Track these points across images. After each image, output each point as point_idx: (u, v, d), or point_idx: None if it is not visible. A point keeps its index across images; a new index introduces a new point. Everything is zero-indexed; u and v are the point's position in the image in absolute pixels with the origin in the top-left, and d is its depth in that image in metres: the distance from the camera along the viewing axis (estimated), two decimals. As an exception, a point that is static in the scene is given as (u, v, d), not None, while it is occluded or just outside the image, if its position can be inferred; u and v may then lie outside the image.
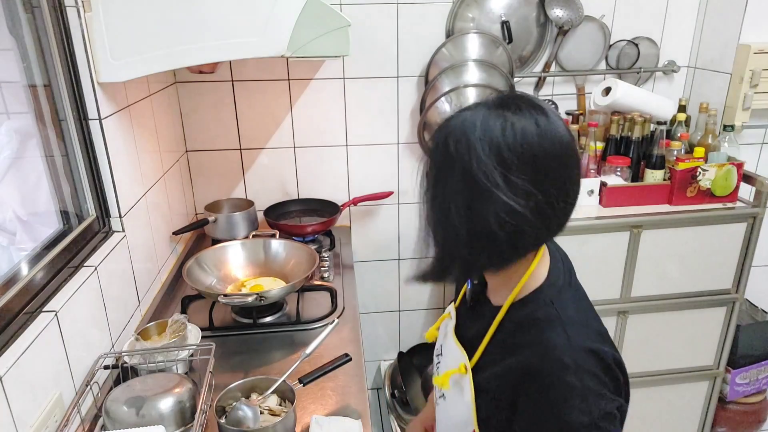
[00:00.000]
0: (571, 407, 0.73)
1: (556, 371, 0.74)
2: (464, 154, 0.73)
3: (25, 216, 1.27)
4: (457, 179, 0.74)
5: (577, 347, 0.75)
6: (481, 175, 0.71)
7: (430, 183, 0.80)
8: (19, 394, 0.94)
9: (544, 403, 0.75)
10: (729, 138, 1.97)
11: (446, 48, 2.03)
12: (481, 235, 0.74)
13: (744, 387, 2.18)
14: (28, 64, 1.21)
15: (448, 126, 0.77)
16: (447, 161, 0.76)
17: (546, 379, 0.75)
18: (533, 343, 0.77)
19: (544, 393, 0.75)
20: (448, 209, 0.76)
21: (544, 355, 0.75)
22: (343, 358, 1.29)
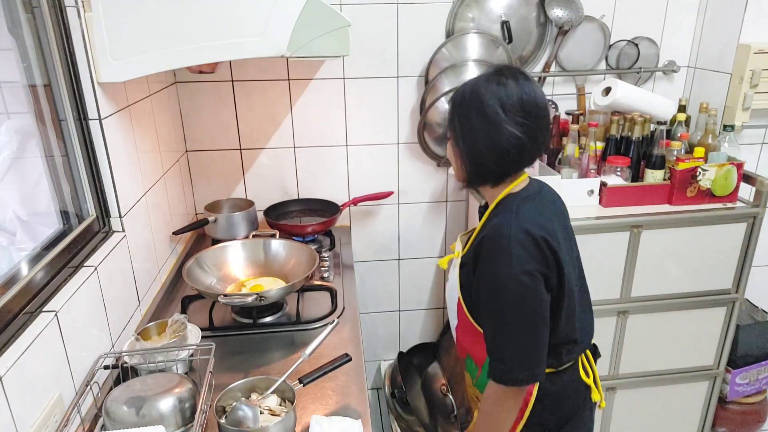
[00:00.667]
0: (500, 263, 1.06)
1: (496, 239, 1.08)
2: (477, 103, 1.07)
3: (25, 216, 1.27)
4: (475, 120, 1.08)
5: (516, 227, 1.08)
6: (492, 114, 1.06)
7: (456, 127, 1.12)
8: (19, 394, 0.94)
9: (484, 261, 1.09)
10: (729, 138, 1.97)
11: (446, 48, 2.03)
12: (497, 152, 1.08)
13: (744, 387, 2.18)
14: (28, 64, 1.21)
15: (462, 89, 1.12)
16: (465, 110, 1.10)
17: (489, 243, 1.08)
18: (492, 225, 1.11)
19: (486, 254, 1.09)
20: (474, 139, 1.10)
21: (494, 229, 1.09)
22: (343, 358, 1.29)
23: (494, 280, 1.07)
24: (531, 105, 1.07)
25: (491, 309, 1.10)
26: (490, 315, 1.10)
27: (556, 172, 1.92)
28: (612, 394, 2.08)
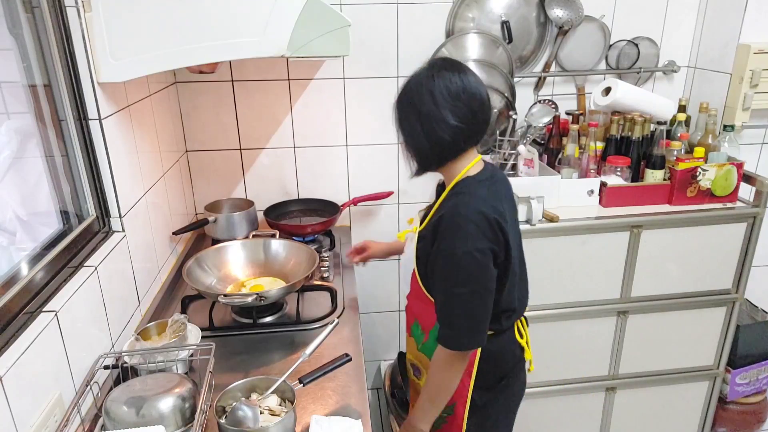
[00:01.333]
0: (457, 239, 1.17)
1: (455, 217, 1.18)
2: (417, 98, 1.19)
3: (25, 216, 1.27)
4: (411, 113, 1.20)
5: (473, 208, 1.18)
6: (425, 104, 1.18)
7: (398, 122, 1.24)
8: (19, 394, 0.94)
9: (442, 237, 1.19)
10: (729, 138, 1.97)
11: (446, 48, 2.03)
12: (433, 138, 1.20)
13: (744, 387, 2.18)
14: (28, 64, 1.21)
15: (406, 85, 1.23)
16: (408, 106, 1.21)
17: (447, 221, 1.19)
18: (450, 205, 1.21)
19: (444, 231, 1.19)
20: (412, 130, 1.22)
21: (452, 209, 1.20)
22: (343, 358, 1.29)
23: (450, 255, 1.17)
24: (460, 91, 1.18)
25: (445, 280, 1.20)
26: (442, 286, 1.21)
27: (556, 172, 1.92)
28: (612, 394, 2.08)
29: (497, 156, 2.02)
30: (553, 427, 2.11)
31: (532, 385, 2.02)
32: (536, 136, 2.09)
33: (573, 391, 2.05)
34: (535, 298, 1.89)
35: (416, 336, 1.40)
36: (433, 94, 1.17)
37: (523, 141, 2.02)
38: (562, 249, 1.84)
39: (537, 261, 1.83)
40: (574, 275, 1.88)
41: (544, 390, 2.03)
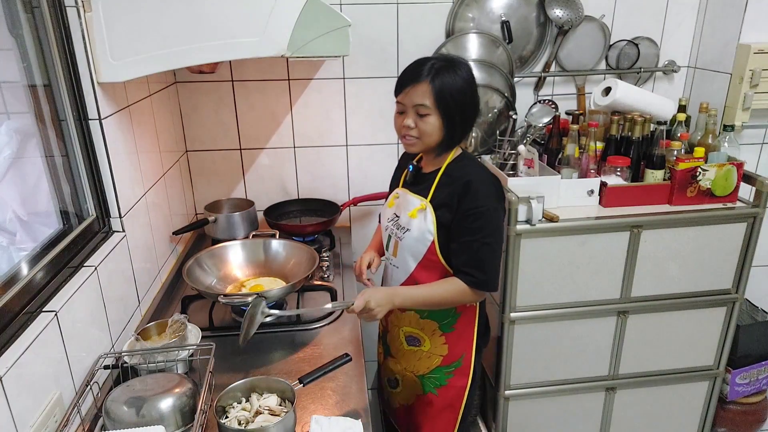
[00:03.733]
0: (488, 197, 1.37)
1: (483, 180, 1.38)
2: (471, 84, 1.39)
3: (25, 216, 1.27)
4: (472, 98, 1.40)
5: (489, 173, 1.42)
6: (475, 93, 1.41)
7: (458, 101, 1.35)
8: (19, 394, 0.94)
9: (471, 198, 1.35)
10: (729, 138, 1.97)
11: (446, 48, 2.03)
12: (471, 123, 1.43)
13: (744, 387, 2.18)
14: (28, 64, 1.21)
15: (470, 69, 1.41)
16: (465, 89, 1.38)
17: (477, 184, 1.37)
18: (467, 173, 1.39)
19: (473, 192, 1.36)
20: (467, 112, 1.40)
21: (474, 175, 1.39)
22: (343, 358, 1.29)
23: (484, 211, 1.36)
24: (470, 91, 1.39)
25: (475, 233, 1.37)
26: (473, 237, 1.37)
27: (556, 172, 1.92)
28: (612, 394, 2.08)
29: (497, 156, 2.02)
30: (553, 427, 2.11)
31: (532, 385, 2.02)
32: (536, 136, 2.09)
33: (573, 391, 2.05)
34: (535, 298, 1.89)
35: None
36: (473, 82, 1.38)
37: (523, 141, 2.02)
38: (562, 249, 1.84)
39: (537, 261, 1.83)
40: (574, 275, 1.88)
41: (544, 390, 2.03)
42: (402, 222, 1.47)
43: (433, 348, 1.52)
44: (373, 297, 1.32)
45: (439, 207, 1.40)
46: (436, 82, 1.32)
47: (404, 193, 1.51)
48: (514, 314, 1.89)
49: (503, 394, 2.00)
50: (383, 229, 1.57)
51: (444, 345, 1.51)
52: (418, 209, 1.43)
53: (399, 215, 1.50)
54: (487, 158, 2.10)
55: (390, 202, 1.56)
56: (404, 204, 1.48)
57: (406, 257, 1.47)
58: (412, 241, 1.44)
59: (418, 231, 1.42)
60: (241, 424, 1.09)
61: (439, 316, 1.49)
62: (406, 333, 1.55)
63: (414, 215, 1.43)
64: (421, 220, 1.42)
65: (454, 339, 1.51)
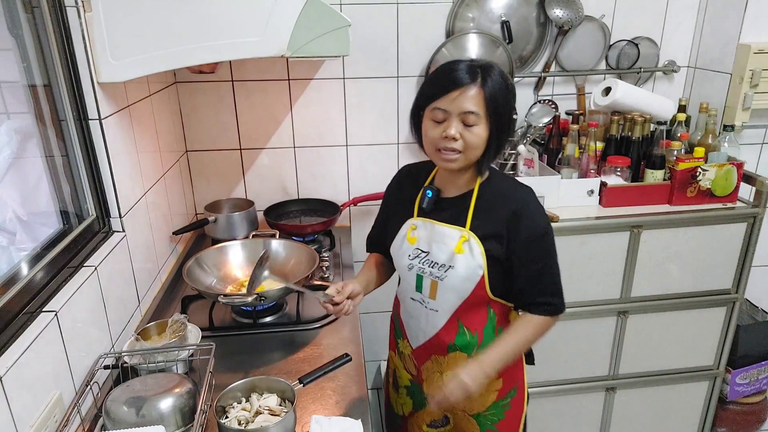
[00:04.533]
0: (542, 217, 1.26)
1: (532, 200, 1.26)
2: (512, 91, 1.26)
3: (25, 216, 1.27)
4: (512, 106, 1.27)
5: (525, 187, 1.29)
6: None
7: (506, 110, 1.22)
8: (19, 394, 0.94)
9: (529, 222, 1.23)
10: (729, 138, 1.97)
11: (446, 48, 2.03)
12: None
13: (744, 387, 2.18)
14: (28, 64, 1.21)
15: (501, 77, 1.21)
16: (509, 96, 1.24)
17: (530, 206, 1.25)
18: (508, 194, 1.27)
19: (530, 216, 1.24)
20: (511, 122, 1.28)
21: (518, 195, 1.26)
22: (343, 358, 1.29)
23: (544, 233, 1.25)
24: None
25: (543, 258, 1.27)
26: (542, 263, 1.27)
27: (556, 172, 1.92)
28: (612, 394, 2.08)
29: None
30: (553, 427, 2.11)
31: (532, 385, 2.01)
32: (536, 136, 2.09)
33: (573, 391, 2.05)
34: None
35: (463, 345, 1.33)
36: None
37: (523, 141, 2.02)
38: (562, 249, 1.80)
39: (537, 261, 1.83)
40: (574, 275, 1.88)
41: (544, 390, 2.03)
42: (439, 258, 1.27)
43: (484, 387, 1.31)
44: (467, 378, 1.19)
45: (486, 238, 1.24)
46: (487, 87, 1.15)
47: (429, 224, 1.29)
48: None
49: (503, 394, 2.00)
50: (405, 268, 1.34)
51: (498, 379, 1.37)
52: (462, 242, 1.24)
53: (428, 250, 1.29)
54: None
55: (409, 237, 1.32)
56: (435, 237, 1.28)
57: (449, 298, 1.29)
58: (457, 280, 1.26)
59: (466, 268, 1.24)
60: (241, 424, 1.09)
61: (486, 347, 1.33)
62: None
63: (460, 250, 1.24)
64: (468, 254, 1.24)
65: (506, 370, 1.34)
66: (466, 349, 1.34)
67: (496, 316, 1.34)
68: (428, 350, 1.38)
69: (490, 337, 1.33)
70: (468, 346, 1.34)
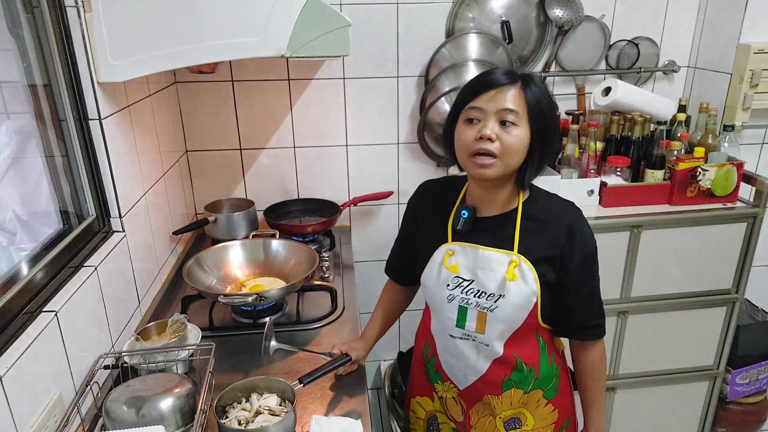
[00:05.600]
0: (591, 236, 1.19)
1: (580, 218, 1.19)
2: (552, 101, 1.14)
3: (25, 216, 1.27)
4: (555, 115, 1.15)
5: (571, 204, 1.21)
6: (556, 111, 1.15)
7: (549, 118, 1.11)
8: (19, 394, 0.94)
9: (582, 242, 1.17)
10: (729, 138, 1.97)
11: (446, 48, 2.03)
12: None
13: (744, 387, 2.18)
14: (28, 64, 1.21)
15: (541, 85, 1.12)
16: (551, 104, 1.13)
17: (576, 225, 1.17)
18: (560, 213, 1.18)
19: (581, 235, 1.17)
20: (556, 131, 1.16)
21: (567, 213, 1.18)
22: (343, 358, 1.29)
23: (593, 251, 1.20)
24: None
25: (591, 279, 1.21)
26: (591, 285, 1.21)
27: (556, 172, 1.92)
28: (612, 394, 2.08)
29: (497, 156, 2.02)
30: (553, 427, 2.11)
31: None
32: (536, 136, 2.08)
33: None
34: (535, 298, 1.89)
35: (520, 380, 1.23)
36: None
37: (523, 141, 2.01)
38: (562, 249, 1.84)
39: (537, 261, 1.83)
40: (574, 275, 1.88)
41: (544, 390, 2.03)
42: (488, 287, 1.15)
43: (539, 422, 1.27)
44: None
45: (539, 261, 1.14)
46: (529, 89, 1.07)
47: (469, 248, 1.17)
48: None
49: (503, 394, 2.00)
50: (444, 299, 1.21)
51: (553, 412, 1.27)
52: (513, 267, 1.13)
53: (472, 278, 1.17)
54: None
55: (447, 264, 1.19)
56: (479, 263, 1.16)
57: (500, 329, 1.18)
58: (510, 310, 1.15)
59: (520, 296, 1.13)
60: (241, 424, 1.09)
61: (544, 382, 1.25)
62: (505, 418, 1.27)
63: (513, 277, 1.12)
64: (521, 281, 1.13)
65: (560, 399, 1.28)
66: (521, 385, 1.23)
67: (546, 345, 1.24)
68: (479, 390, 1.25)
69: (545, 368, 1.24)
70: (525, 381, 1.23)
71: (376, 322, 1.45)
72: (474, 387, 1.25)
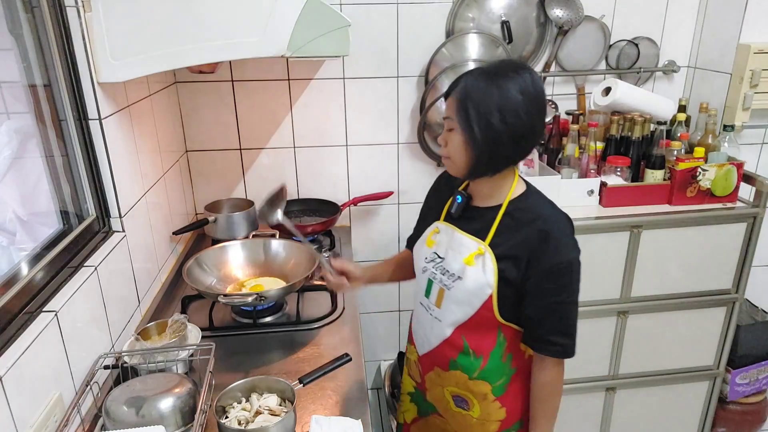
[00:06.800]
0: (569, 248, 1.18)
1: (558, 228, 1.18)
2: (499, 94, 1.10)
3: (25, 216, 1.27)
4: (497, 111, 1.10)
5: (565, 216, 1.22)
6: (513, 105, 1.10)
7: (474, 118, 1.11)
8: (19, 394, 0.94)
9: (552, 251, 1.15)
10: (729, 138, 1.97)
11: (446, 48, 2.03)
12: (515, 139, 1.13)
13: (744, 387, 2.18)
14: (28, 64, 1.21)
15: (475, 82, 1.12)
16: (485, 101, 1.11)
17: (553, 235, 1.16)
18: (540, 217, 1.19)
19: (554, 242, 1.16)
20: (493, 128, 1.11)
21: (550, 221, 1.18)
22: (343, 358, 1.29)
23: (566, 265, 1.17)
24: (543, 98, 1.15)
25: (560, 292, 1.18)
26: (558, 298, 1.18)
27: (556, 172, 1.92)
28: (612, 394, 2.08)
29: (497, 156, 2.02)
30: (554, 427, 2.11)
31: (532, 385, 2.01)
32: (536, 136, 2.08)
33: (573, 391, 2.05)
34: (535, 298, 1.89)
35: (466, 365, 1.28)
36: (524, 92, 1.11)
37: (523, 141, 2.01)
38: (562, 249, 1.84)
39: (537, 261, 1.83)
40: (574, 275, 1.88)
41: (544, 390, 2.03)
42: (451, 267, 1.24)
43: (485, 414, 1.31)
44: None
45: (503, 258, 1.18)
46: (458, 91, 1.13)
47: (450, 229, 1.27)
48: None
49: (503, 394, 2.00)
50: (420, 270, 1.33)
51: (501, 409, 1.31)
52: (475, 254, 1.19)
53: (444, 257, 1.26)
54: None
55: (428, 240, 1.31)
56: (452, 244, 1.25)
57: (453, 310, 1.25)
58: (464, 293, 1.21)
59: (474, 282, 1.19)
60: (241, 424, 1.09)
61: (492, 376, 1.28)
62: (452, 393, 1.34)
63: (470, 262, 1.19)
64: (479, 269, 1.19)
65: (511, 401, 1.31)
66: (467, 371, 1.28)
67: (506, 342, 1.26)
68: (432, 361, 1.35)
69: (496, 362, 1.27)
70: (470, 368, 1.28)
71: (382, 264, 1.54)
72: (428, 356, 1.36)
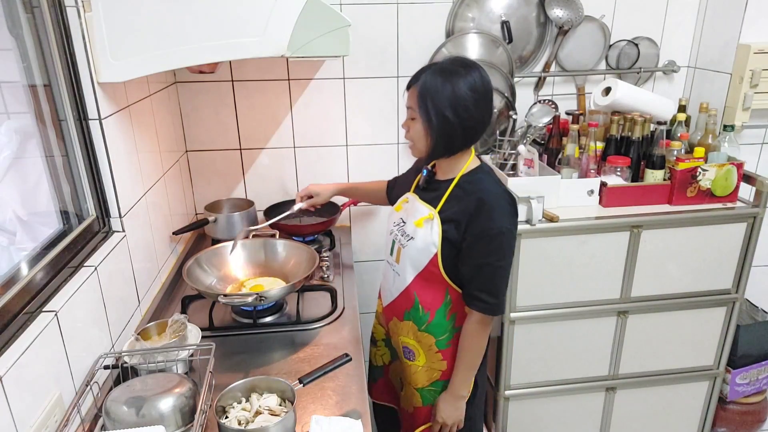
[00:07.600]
0: (501, 218, 1.33)
1: (497, 199, 1.35)
2: (450, 88, 1.30)
3: (25, 216, 1.27)
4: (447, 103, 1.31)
5: (505, 191, 1.39)
6: (464, 99, 1.30)
7: (431, 109, 1.31)
8: (19, 394, 0.94)
9: (486, 216, 1.33)
10: (729, 138, 1.97)
11: (446, 48, 2.03)
12: (465, 128, 1.34)
13: (744, 387, 2.18)
14: (28, 64, 1.21)
15: (433, 79, 1.31)
16: (437, 94, 1.31)
17: (491, 203, 1.33)
18: (481, 190, 1.36)
19: (488, 211, 1.33)
20: (446, 118, 1.32)
21: (489, 193, 1.35)
22: (343, 358, 1.29)
23: (496, 232, 1.33)
24: (490, 93, 1.35)
25: (488, 256, 1.35)
26: (484, 261, 1.35)
27: (556, 172, 1.92)
28: (612, 394, 2.08)
29: (497, 156, 2.02)
30: (553, 427, 2.11)
31: (532, 385, 2.02)
32: (536, 136, 2.09)
33: (573, 391, 2.05)
34: (535, 298, 1.89)
35: (416, 318, 1.47)
36: (473, 88, 1.30)
37: (523, 141, 2.02)
38: (562, 249, 1.84)
39: (537, 261, 1.83)
40: (574, 275, 1.88)
41: (545, 390, 2.03)
42: (408, 229, 1.44)
43: (430, 363, 1.50)
44: (446, 412, 1.47)
45: (448, 221, 1.37)
46: (419, 84, 1.32)
47: (414, 198, 1.47)
48: (513, 314, 1.89)
49: (503, 395, 2.00)
50: (388, 232, 1.55)
51: (442, 361, 1.49)
52: (425, 219, 1.39)
53: (405, 221, 1.46)
54: (487, 158, 2.10)
55: (398, 206, 1.53)
56: (412, 210, 1.45)
57: (407, 266, 1.44)
58: (414, 251, 1.41)
59: (422, 242, 1.39)
60: (241, 424, 1.09)
61: (437, 330, 1.46)
62: (402, 343, 1.53)
63: (420, 224, 1.39)
64: (427, 230, 1.38)
65: (452, 354, 1.48)
66: (417, 323, 1.47)
67: (451, 302, 1.44)
68: (392, 311, 1.54)
69: (441, 319, 1.45)
70: (419, 321, 1.47)
71: (356, 184, 1.87)
72: (389, 307, 1.55)
